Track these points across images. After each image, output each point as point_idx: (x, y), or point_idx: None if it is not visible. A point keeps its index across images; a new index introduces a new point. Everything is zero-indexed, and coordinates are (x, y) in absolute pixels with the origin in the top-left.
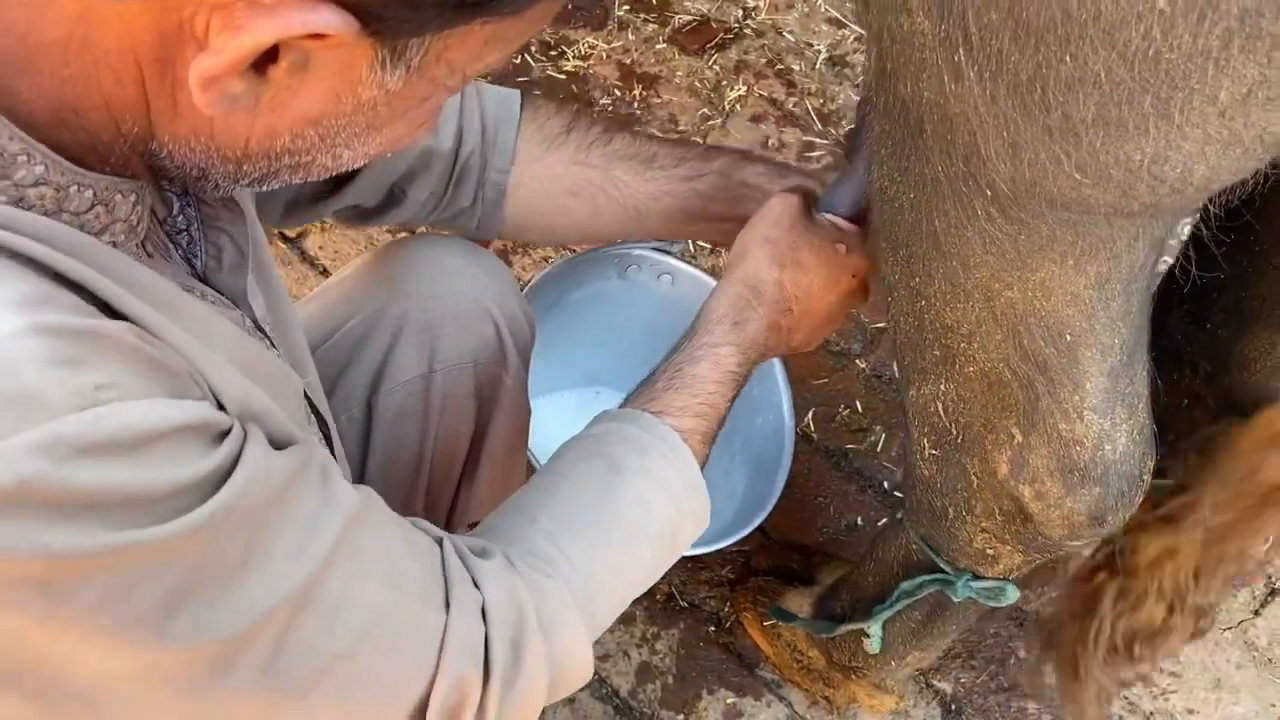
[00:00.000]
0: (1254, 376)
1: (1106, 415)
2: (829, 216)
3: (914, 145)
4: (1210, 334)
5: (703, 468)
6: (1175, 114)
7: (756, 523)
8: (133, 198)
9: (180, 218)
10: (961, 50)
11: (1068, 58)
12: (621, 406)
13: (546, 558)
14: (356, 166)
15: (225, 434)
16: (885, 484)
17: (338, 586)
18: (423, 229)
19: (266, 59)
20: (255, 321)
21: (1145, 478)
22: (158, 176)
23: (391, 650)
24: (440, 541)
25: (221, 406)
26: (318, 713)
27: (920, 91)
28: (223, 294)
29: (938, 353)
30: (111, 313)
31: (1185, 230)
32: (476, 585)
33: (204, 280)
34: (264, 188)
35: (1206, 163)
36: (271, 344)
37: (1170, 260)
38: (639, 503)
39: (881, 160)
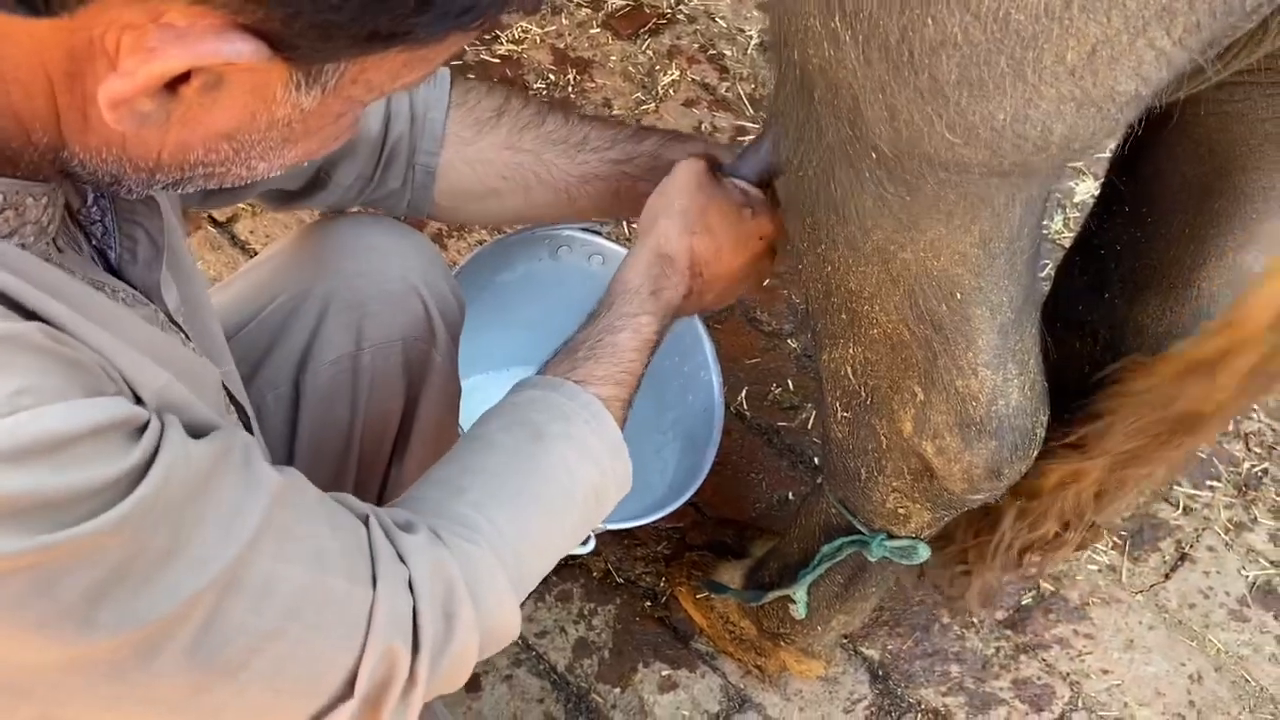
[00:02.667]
0: (1147, 342)
1: (999, 371)
2: (736, 181)
3: (807, 112)
4: (1108, 302)
5: (621, 429)
6: (1029, 73)
7: (688, 495)
8: (44, 200)
9: (95, 209)
10: (838, 17)
11: (930, 20)
12: (541, 373)
13: (474, 526)
14: (272, 176)
15: (143, 428)
16: (815, 460)
17: (263, 568)
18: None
19: (179, 78)
20: (169, 315)
21: (1038, 432)
22: (70, 179)
23: (319, 627)
24: (366, 519)
25: (139, 400)
26: (248, 690)
27: (808, 58)
28: (135, 287)
29: (844, 317)
30: (24, 313)
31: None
32: (402, 560)
33: (117, 273)
34: (179, 192)
35: (1064, 121)
36: (186, 337)
37: (1072, 230)
38: (563, 468)
39: (786, 130)
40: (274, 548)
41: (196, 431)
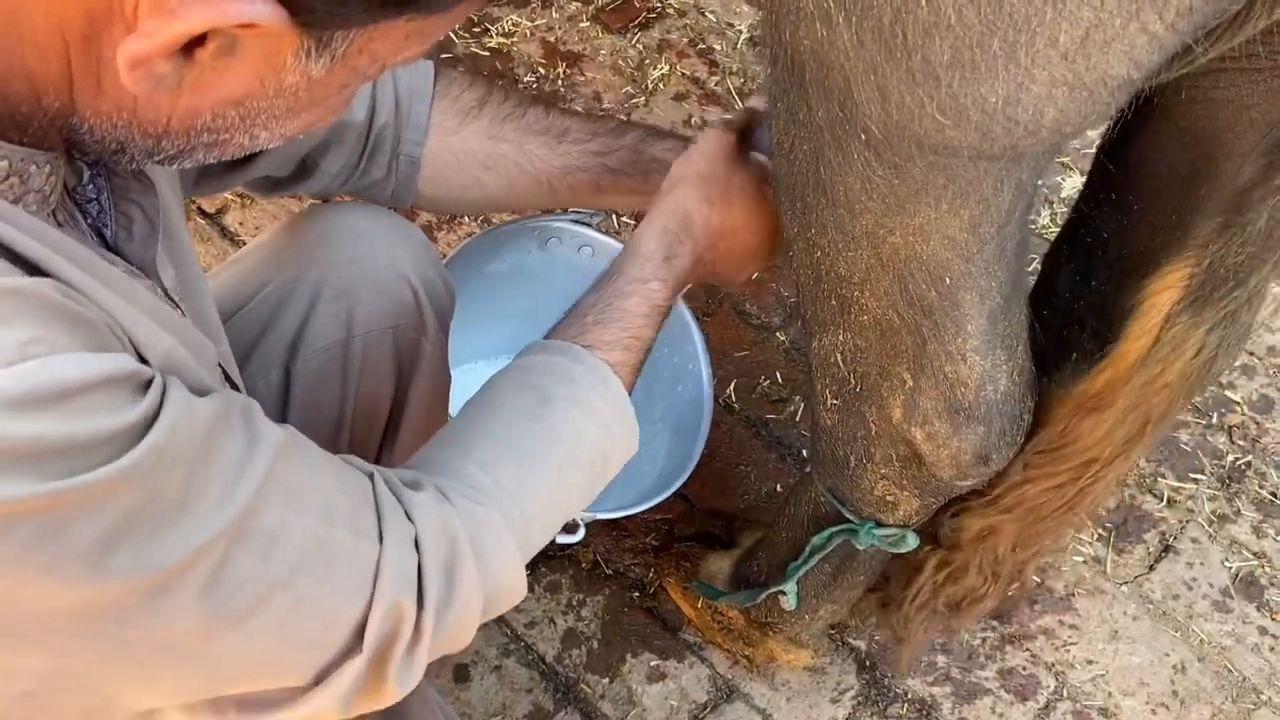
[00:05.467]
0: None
1: (988, 356)
2: (760, 157)
3: (798, 93)
4: (1095, 290)
5: (629, 394)
6: (1022, 56)
7: (677, 485)
8: (47, 169)
9: (90, 187)
10: None
11: (924, 2)
12: (549, 336)
13: (481, 487)
14: (272, 147)
15: (148, 384)
16: (804, 452)
17: (271, 518)
18: (344, 196)
19: (194, 42)
20: (165, 291)
21: (1026, 417)
22: (73, 149)
23: (326, 579)
24: (371, 476)
25: (144, 360)
26: (257, 639)
27: (799, 39)
28: (132, 264)
29: (834, 303)
30: (34, 271)
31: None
32: (409, 517)
33: (113, 250)
34: (178, 165)
35: (1055, 105)
36: (182, 314)
37: (1059, 225)
38: (571, 431)
39: (777, 114)
40: (281, 498)
41: (198, 394)
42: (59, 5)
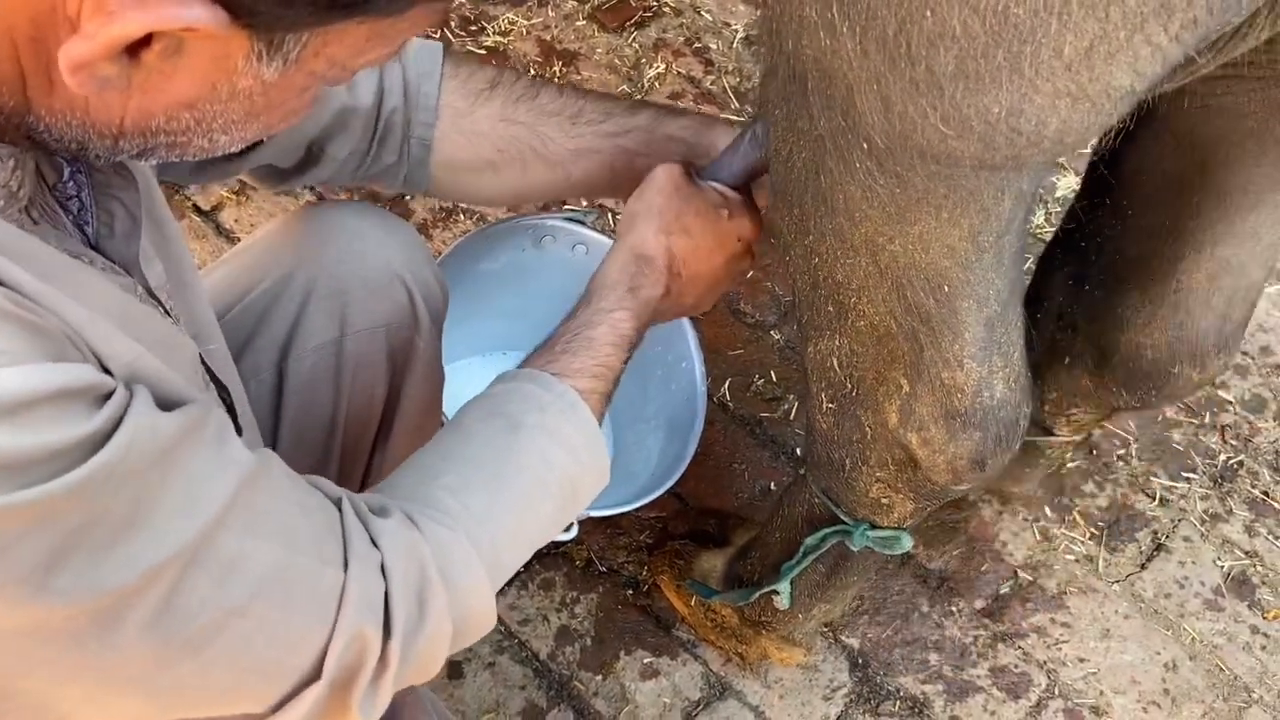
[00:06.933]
0: (1126, 334)
1: (984, 363)
2: (713, 184)
3: (800, 102)
4: (1089, 295)
5: (600, 424)
6: (1026, 67)
7: (670, 483)
8: (11, 163)
9: (70, 184)
10: (835, 7)
11: (928, 13)
12: (521, 366)
13: (450, 512)
14: (234, 150)
15: (108, 396)
16: (797, 450)
17: (230, 544)
18: (339, 194)
19: (140, 44)
20: (149, 289)
21: (1022, 423)
22: (41, 149)
23: (286, 607)
24: (339, 501)
25: (106, 370)
26: (212, 669)
27: (802, 48)
28: (114, 261)
29: (831, 309)
30: None
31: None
32: (375, 543)
33: (96, 247)
34: (143, 162)
35: (1058, 116)
36: (166, 311)
37: (1054, 225)
38: (539, 458)
39: (776, 121)
40: (242, 524)
41: (168, 405)
42: (4, 8)
